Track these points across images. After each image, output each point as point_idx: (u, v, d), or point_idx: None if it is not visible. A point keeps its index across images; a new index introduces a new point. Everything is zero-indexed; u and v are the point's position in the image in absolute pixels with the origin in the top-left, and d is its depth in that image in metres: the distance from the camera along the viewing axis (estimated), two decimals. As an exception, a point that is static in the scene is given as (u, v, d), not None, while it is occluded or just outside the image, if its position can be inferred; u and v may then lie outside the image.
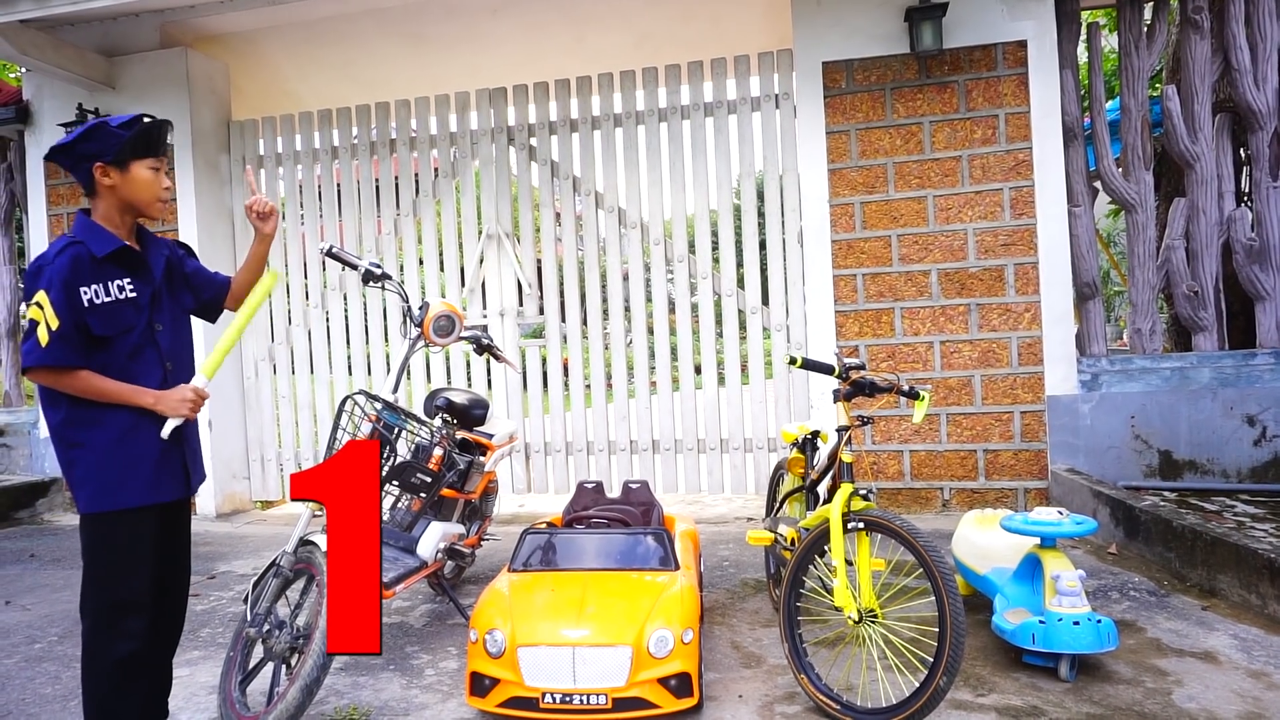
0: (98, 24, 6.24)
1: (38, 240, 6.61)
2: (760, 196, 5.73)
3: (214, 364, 2.51)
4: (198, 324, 2.78)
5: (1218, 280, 5.12)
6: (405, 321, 3.66)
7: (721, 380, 5.95)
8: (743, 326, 5.84)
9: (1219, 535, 3.56)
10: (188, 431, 2.43)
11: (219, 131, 6.53)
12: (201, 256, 6.29)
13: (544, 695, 2.53)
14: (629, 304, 6.00)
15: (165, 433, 2.29)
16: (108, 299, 2.23)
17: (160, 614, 2.42)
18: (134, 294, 2.29)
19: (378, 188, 6.45)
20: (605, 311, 6.06)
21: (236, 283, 2.69)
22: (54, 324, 2.14)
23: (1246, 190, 5.63)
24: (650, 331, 5.93)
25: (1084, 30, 5.43)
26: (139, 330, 2.31)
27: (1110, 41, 7.73)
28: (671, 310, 5.96)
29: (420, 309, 3.56)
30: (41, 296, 2.16)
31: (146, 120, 2.30)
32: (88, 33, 6.25)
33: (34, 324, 2.16)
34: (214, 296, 2.66)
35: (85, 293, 2.19)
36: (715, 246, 5.83)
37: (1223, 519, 4.05)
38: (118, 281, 2.26)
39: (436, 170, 6.36)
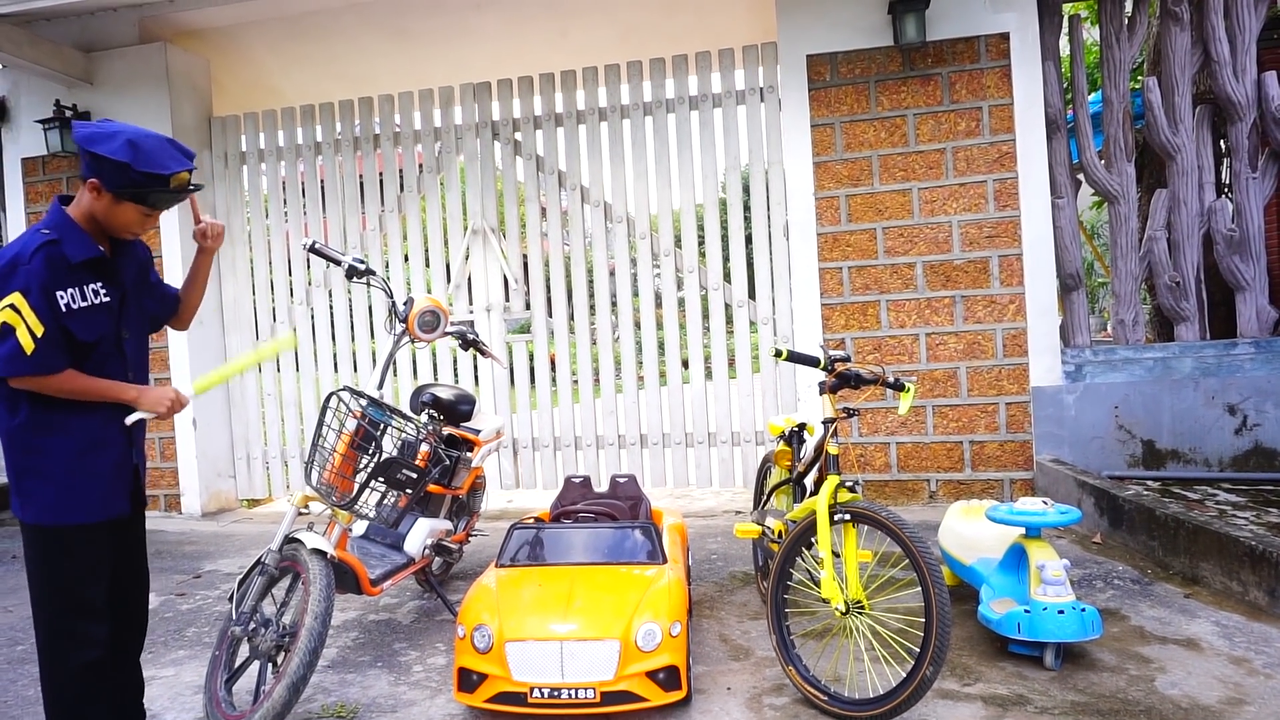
0: (75, 19, 6.16)
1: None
2: (746, 190, 5.74)
3: (206, 385, 2.49)
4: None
5: (1199, 271, 5.16)
6: (390, 317, 3.64)
7: (709, 374, 5.95)
8: (729, 320, 5.84)
9: (1201, 524, 3.60)
10: (140, 451, 2.40)
11: (200, 128, 6.47)
12: (182, 254, 6.25)
13: (532, 690, 2.53)
14: (615, 298, 6.00)
15: (130, 419, 2.24)
16: (84, 304, 2.16)
17: (120, 624, 2.38)
18: (107, 299, 2.23)
19: (362, 184, 6.41)
20: (592, 306, 6.05)
21: (188, 301, 2.62)
22: (38, 329, 2.06)
23: (1227, 181, 5.67)
24: (637, 326, 5.93)
25: (1066, 22, 5.45)
26: (108, 339, 2.26)
27: (1092, 34, 7.78)
28: (658, 304, 5.95)
29: (405, 305, 3.55)
30: (17, 299, 2.05)
31: (172, 185, 2.17)
32: (65, 28, 6.18)
33: (9, 328, 2.05)
34: (164, 310, 2.58)
35: (62, 297, 2.11)
36: (701, 241, 5.82)
37: (1205, 507, 4.09)
38: (91, 286, 2.19)
39: (421, 165, 6.33)
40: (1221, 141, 5.66)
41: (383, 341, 5.43)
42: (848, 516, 2.70)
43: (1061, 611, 2.80)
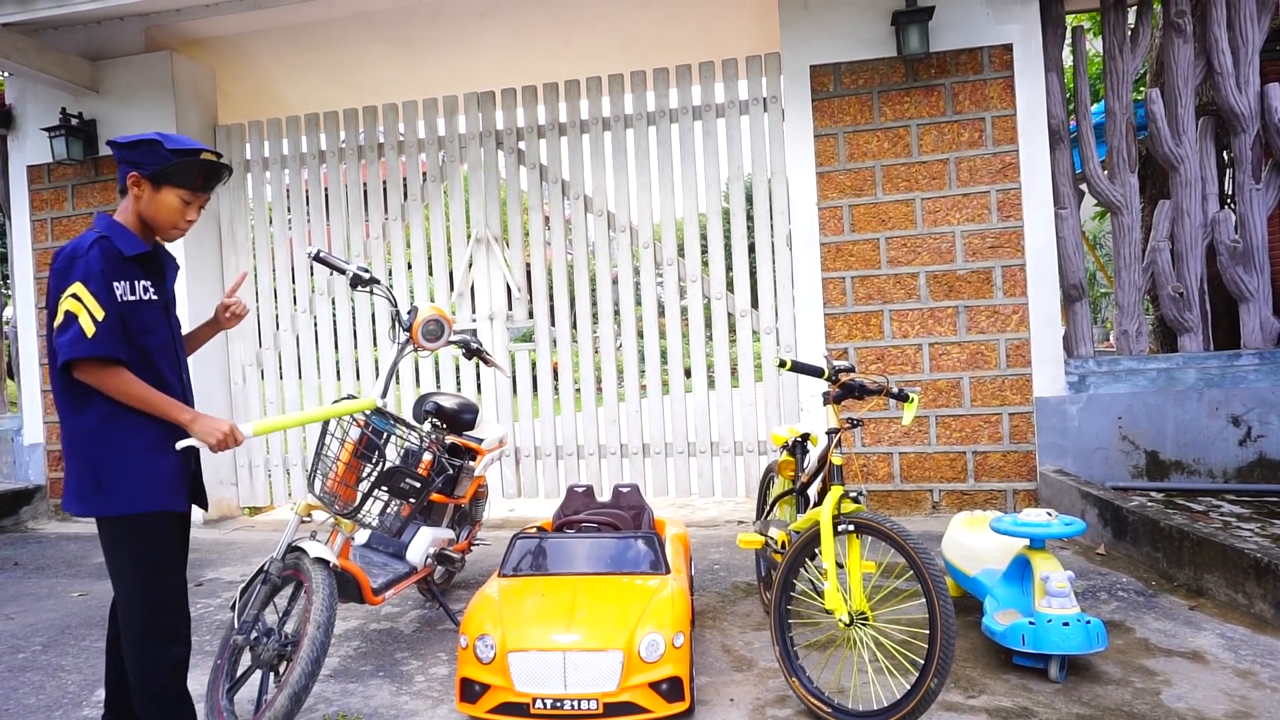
0: (82, 27, 6.20)
1: (20, 245, 6.55)
2: (749, 199, 5.74)
3: (268, 428, 2.48)
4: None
5: (1202, 282, 5.15)
6: (394, 326, 3.65)
7: (711, 383, 5.95)
8: (732, 329, 5.84)
9: (1206, 535, 3.58)
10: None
11: (205, 136, 6.49)
12: (187, 263, 6.28)
13: (535, 700, 2.52)
14: (618, 307, 6.00)
15: (180, 445, 2.23)
16: (133, 298, 2.19)
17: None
18: (154, 297, 2.27)
19: (366, 192, 6.43)
20: (595, 315, 6.05)
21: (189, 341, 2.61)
22: (99, 314, 2.09)
23: (1230, 192, 5.68)
24: (640, 335, 5.93)
25: (1069, 34, 5.47)
26: (160, 335, 2.28)
27: (1095, 45, 7.80)
28: (661, 314, 5.96)
29: (409, 313, 3.55)
30: (79, 288, 2.10)
31: (203, 156, 2.26)
32: (71, 36, 6.21)
33: (71, 316, 2.09)
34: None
35: (118, 287, 2.16)
36: (704, 250, 5.83)
37: (1209, 519, 4.08)
38: (141, 282, 2.23)
39: (425, 174, 6.34)
40: (1225, 153, 5.66)
41: (385, 350, 5.44)
42: (851, 527, 2.69)
43: (1066, 624, 2.79)
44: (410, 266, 6.33)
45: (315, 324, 6.47)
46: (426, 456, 3.52)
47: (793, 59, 5.34)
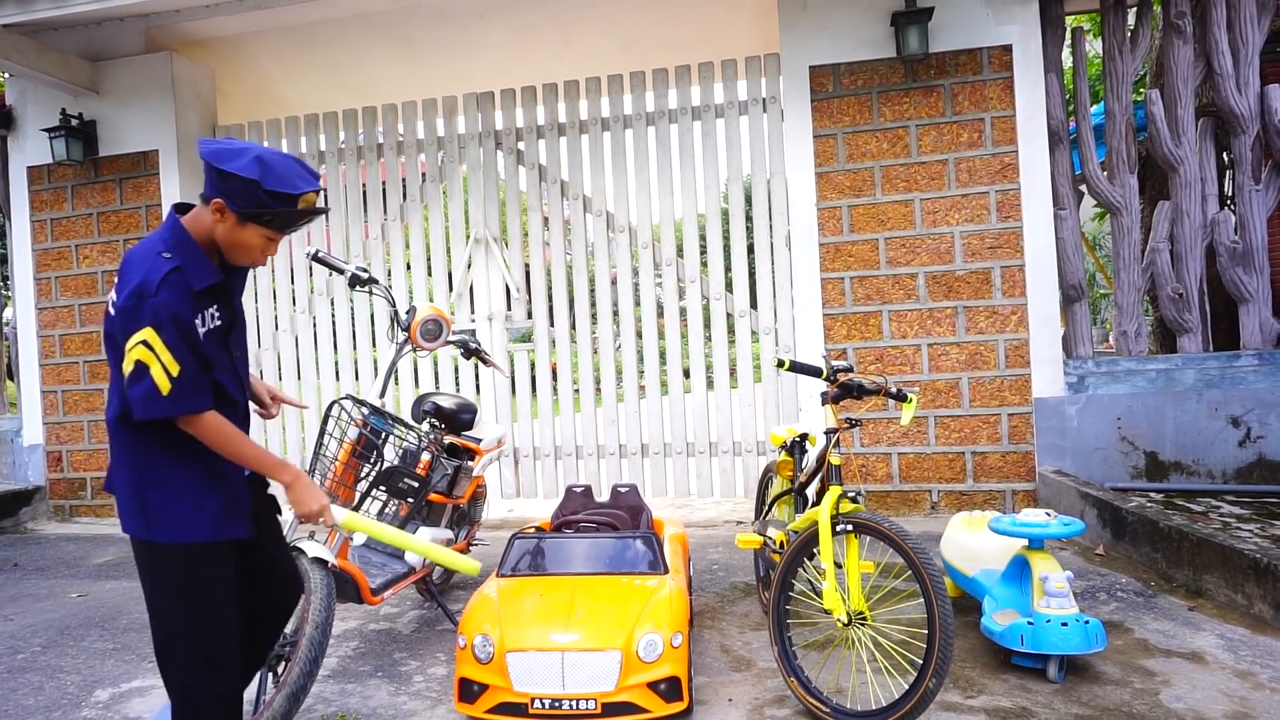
0: (82, 28, 6.20)
1: (20, 246, 6.56)
2: (748, 200, 5.75)
3: (359, 527, 2.39)
4: None
5: (1202, 282, 5.15)
6: (392, 326, 3.65)
7: (710, 384, 5.95)
8: (731, 330, 5.84)
9: (1205, 536, 3.58)
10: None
11: (205, 136, 6.49)
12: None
13: (533, 700, 2.52)
14: (617, 308, 6.00)
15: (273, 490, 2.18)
16: (202, 329, 2.00)
17: (262, 634, 2.32)
18: (218, 322, 2.07)
19: (365, 192, 6.43)
20: (594, 315, 6.05)
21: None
22: (174, 369, 1.90)
23: (1230, 193, 5.67)
24: (639, 335, 5.93)
25: (1068, 35, 5.47)
26: (220, 358, 2.10)
27: (1094, 46, 7.80)
28: (660, 314, 5.96)
29: (407, 313, 3.56)
30: (149, 335, 1.89)
31: (300, 205, 2.01)
32: (72, 37, 6.22)
33: (143, 367, 1.90)
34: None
35: (198, 324, 1.97)
36: (703, 250, 5.83)
37: (1208, 520, 4.08)
38: (210, 310, 2.04)
39: (424, 175, 6.34)
40: (1224, 154, 5.66)
41: (384, 350, 5.45)
42: (850, 527, 2.69)
43: (1065, 624, 2.79)
44: (409, 267, 6.33)
45: (314, 324, 6.47)
46: (425, 456, 3.53)
47: (792, 59, 5.34)
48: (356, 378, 6.43)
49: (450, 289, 6.27)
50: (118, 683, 3.24)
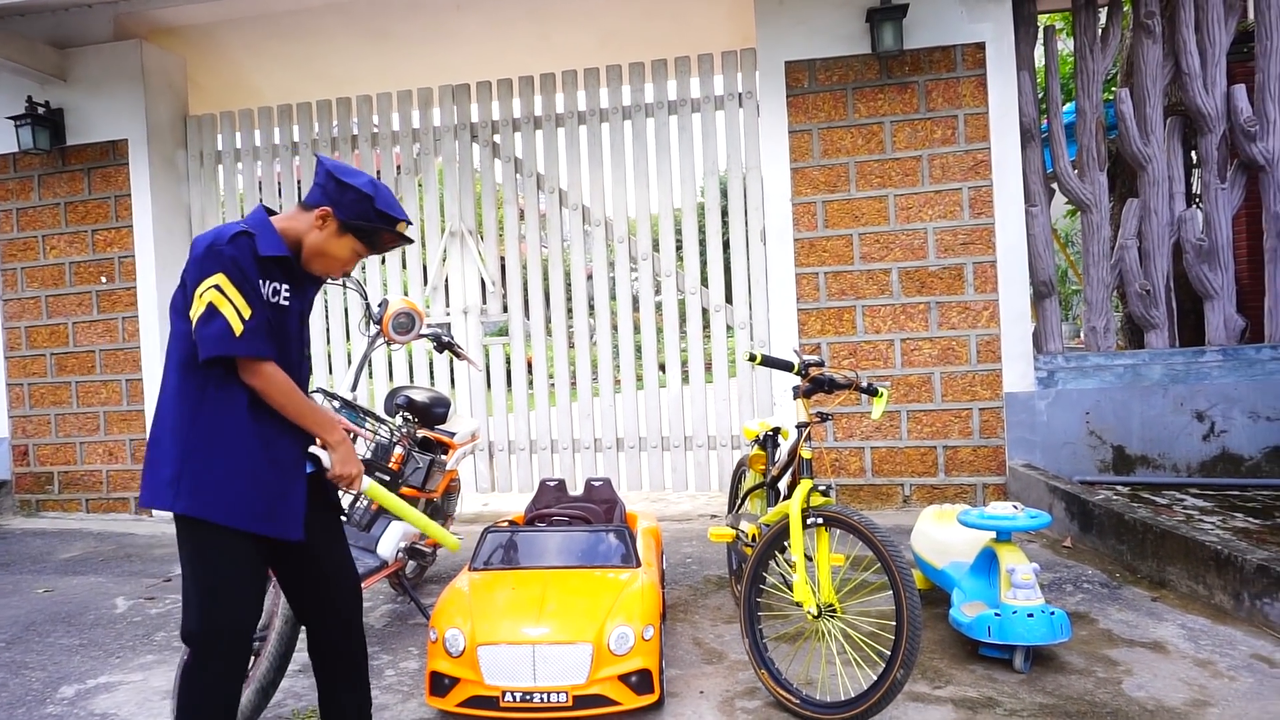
0: (49, 14, 6.09)
1: (-14, 236, 6.44)
2: (724, 194, 5.76)
3: (377, 496, 2.32)
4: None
5: (1169, 279, 5.23)
6: (365, 319, 3.63)
7: (685, 378, 5.97)
8: (706, 324, 5.86)
9: (1168, 528, 3.65)
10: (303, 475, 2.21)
11: (176, 126, 6.41)
12: (156, 254, 6.20)
13: (504, 694, 2.52)
14: (593, 302, 6.00)
15: (311, 449, 2.16)
16: (272, 300, 2.07)
17: (328, 641, 2.32)
18: (287, 303, 2.13)
19: (339, 184, 6.36)
20: (570, 309, 6.05)
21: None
22: (245, 311, 1.97)
23: (1196, 192, 5.76)
24: (615, 329, 5.93)
25: (1041, 33, 5.52)
26: (293, 346, 2.16)
27: (1066, 45, 7.88)
28: (635, 308, 5.96)
29: (379, 306, 3.54)
30: (221, 279, 1.97)
31: (399, 228, 2.20)
32: (38, 23, 6.10)
33: (214, 308, 1.96)
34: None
35: (262, 286, 2.04)
36: (679, 245, 5.84)
37: (1172, 512, 4.15)
38: (275, 284, 2.09)
39: (399, 167, 6.30)
40: (1192, 152, 5.74)
41: (358, 343, 5.42)
42: (820, 520, 2.71)
43: (1031, 615, 2.83)
44: (384, 260, 6.29)
45: (288, 317, 6.39)
46: (397, 450, 3.51)
47: (768, 55, 5.35)
48: (330, 371, 6.39)
49: (425, 282, 6.23)
50: (84, 679, 3.20)
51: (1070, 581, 3.77)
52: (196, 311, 1.98)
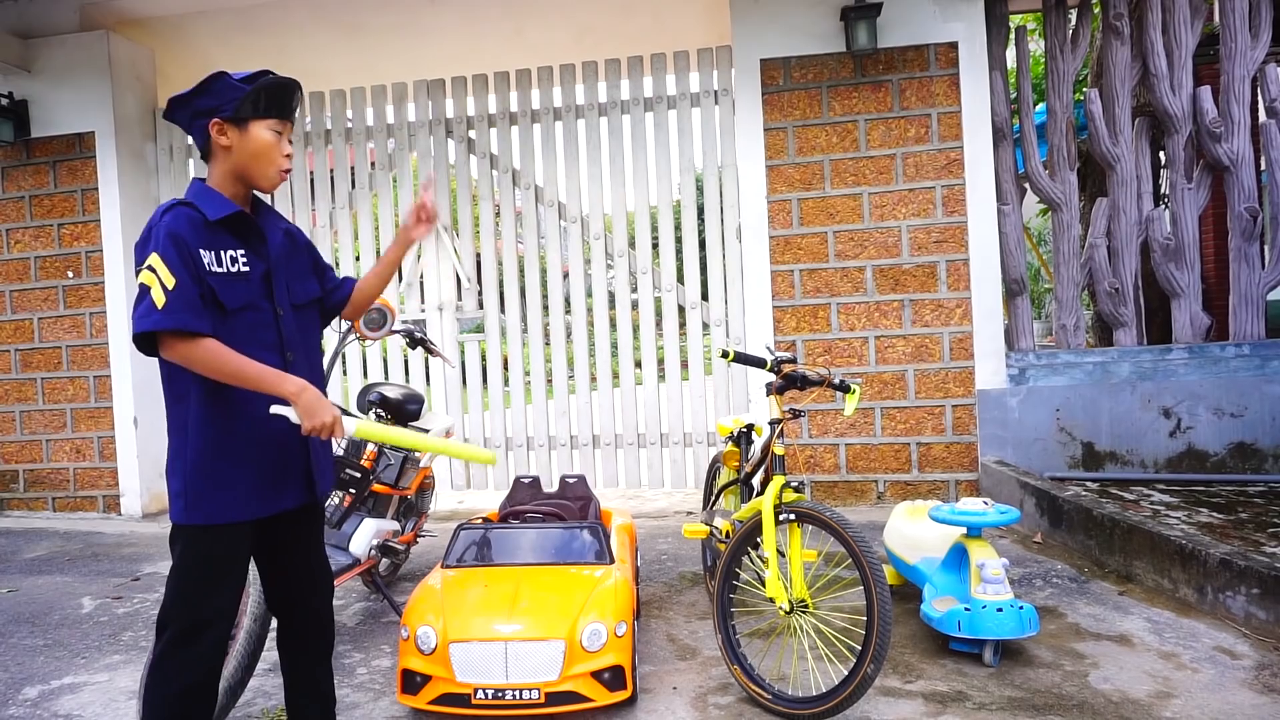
0: (12, 4, 5.96)
1: (-52, 230, 6.31)
2: (700, 192, 5.77)
3: (373, 435, 2.18)
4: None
5: (1137, 278, 5.31)
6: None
7: (662, 375, 5.97)
8: (682, 322, 5.87)
9: (1135, 523, 3.70)
10: (315, 440, 2.16)
11: (144, 119, 6.31)
12: (125, 248, 6.10)
13: (476, 691, 2.51)
14: (569, 299, 5.98)
15: (275, 410, 1.96)
16: (219, 269, 1.96)
17: (294, 632, 2.30)
18: (246, 268, 2.03)
19: (312, 180, 6.31)
20: (545, 306, 6.03)
21: (365, 287, 2.38)
22: (169, 281, 1.85)
23: (1165, 191, 5.85)
24: (590, 326, 5.92)
25: (1013, 34, 5.58)
26: (255, 310, 2.04)
27: (1038, 45, 7.97)
28: (611, 305, 5.96)
29: (352, 304, 3.49)
30: (154, 259, 1.88)
31: (271, 76, 2.04)
32: (1, 13, 5.97)
33: (144, 289, 1.87)
34: (334, 298, 2.34)
35: (205, 255, 1.93)
36: (655, 242, 5.84)
37: (1139, 508, 4.21)
38: (230, 252, 2.00)
39: (373, 162, 6.25)
40: (1160, 152, 5.83)
41: (330, 339, 5.37)
42: (792, 516, 2.73)
43: (1000, 609, 2.86)
44: (358, 258, 6.24)
45: (259, 313, 6.33)
46: (370, 447, 3.49)
47: (743, 52, 5.36)
48: (303, 368, 6.31)
49: (400, 279, 6.19)
50: (48, 680, 3.15)
51: (1040, 576, 3.82)
52: (135, 297, 1.92)
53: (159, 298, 1.85)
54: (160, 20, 6.18)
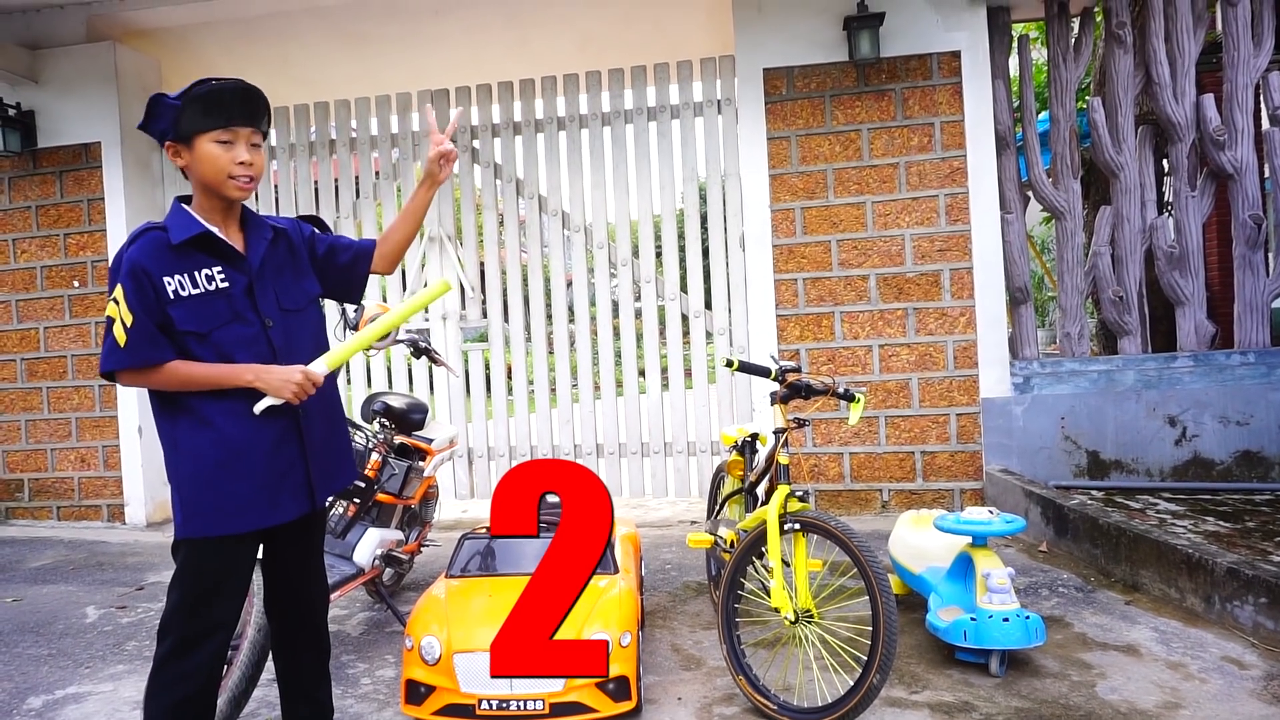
0: (19, 15, 6.01)
1: (-45, 240, 6.34)
2: (703, 201, 5.77)
3: (340, 357, 2.17)
4: None
5: (1141, 286, 5.30)
6: (340, 324, 3.60)
7: (665, 384, 5.97)
8: (686, 331, 5.87)
9: (1141, 532, 3.69)
10: (318, 437, 2.18)
11: (150, 129, 6.33)
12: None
13: (480, 701, 2.51)
14: (573, 308, 5.99)
15: (259, 408, 2.01)
16: (195, 290, 1.99)
17: (296, 635, 2.32)
18: (225, 284, 2.04)
19: (317, 189, 6.33)
20: (549, 315, 6.04)
21: (391, 238, 2.36)
22: (128, 319, 1.92)
23: (1168, 199, 5.85)
24: (594, 335, 5.93)
25: (1015, 42, 5.59)
26: (239, 325, 2.05)
27: (1040, 54, 7.98)
28: (615, 314, 5.96)
29: (355, 311, 3.51)
30: (118, 291, 1.94)
31: (201, 85, 2.02)
32: (9, 24, 6.02)
33: (110, 321, 1.95)
34: (350, 273, 2.34)
35: (169, 283, 1.96)
36: (659, 251, 5.85)
37: (1145, 517, 4.20)
38: (205, 271, 2.02)
39: (377, 172, 6.27)
40: (1163, 160, 5.83)
41: (331, 343, 5.38)
42: (797, 526, 2.72)
43: (1006, 619, 2.85)
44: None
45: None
46: (374, 457, 3.49)
47: (746, 62, 5.38)
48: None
49: (404, 288, 6.20)
50: (52, 689, 3.15)
51: (1045, 586, 3.81)
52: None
53: (120, 335, 1.94)
54: (166, 31, 6.21)
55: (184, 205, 2.10)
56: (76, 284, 6.15)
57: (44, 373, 6.23)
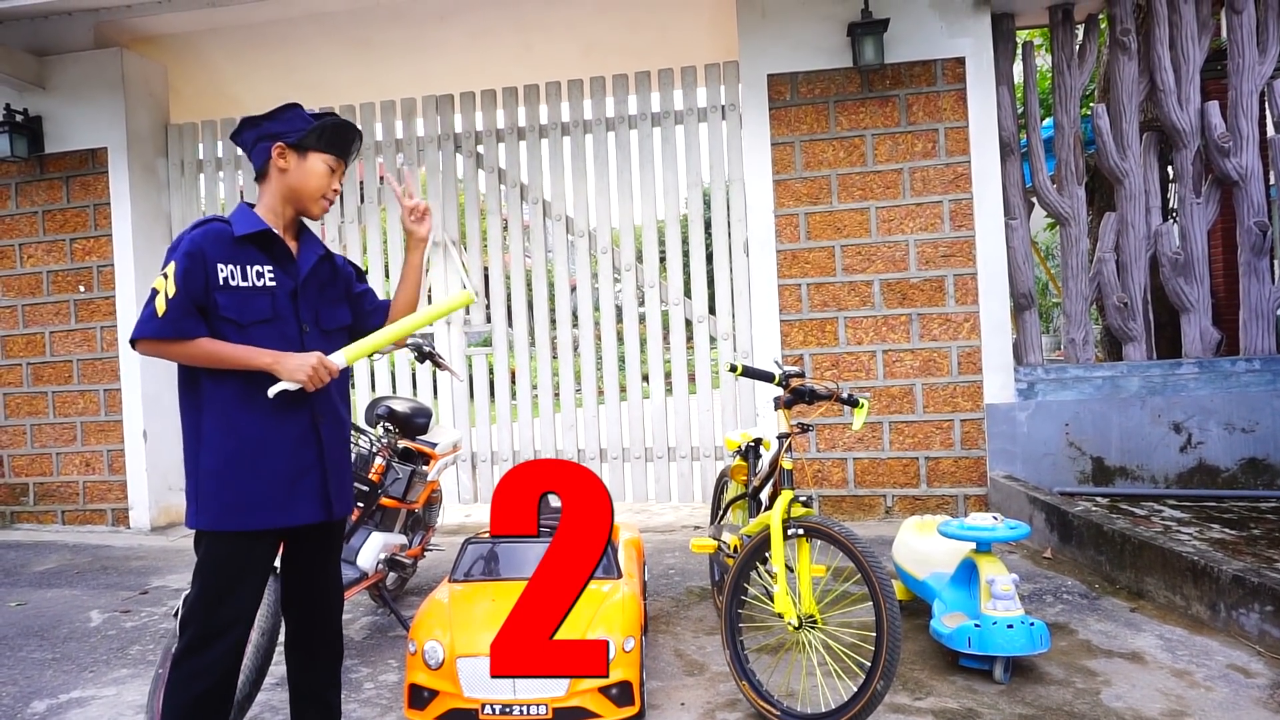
0: (27, 22, 6.04)
1: (-38, 244, 6.37)
2: (707, 206, 5.78)
3: (359, 352, 2.23)
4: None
5: (1146, 292, 5.29)
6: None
7: (669, 389, 5.97)
8: (689, 336, 5.87)
9: (1146, 539, 3.67)
10: (334, 456, 2.23)
11: (156, 135, 6.37)
12: (136, 263, 6.14)
13: (483, 706, 2.51)
14: (577, 312, 5.99)
15: (272, 392, 2.06)
16: (244, 284, 2.10)
17: (311, 638, 2.35)
18: (273, 283, 2.15)
19: (321, 194, 6.34)
20: (553, 320, 6.04)
21: (397, 302, 2.44)
22: (171, 290, 2.01)
23: (1172, 206, 5.84)
24: (598, 340, 5.93)
25: (1019, 49, 5.59)
26: (278, 325, 2.14)
27: (1045, 60, 7.98)
28: (619, 319, 5.96)
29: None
30: (170, 266, 2.05)
31: (333, 118, 2.23)
32: (16, 31, 6.06)
33: (153, 293, 2.03)
34: (368, 320, 2.41)
35: (221, 270, 2.07)
36: (663, 256, 5.85)
37: (1150, 523, 4.18)
38: (257, 267, 2.13)
39: (382, 177, 6.28)
40: (1168, 167, 5.82)
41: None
42: (801, 531, 2.72)
43: (1010, 626, 2.84)
44: (367, 270, 6.25)
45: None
46: (377, 461, 3.49)
47: (750, 67, 5.39)
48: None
49: (408, 292, 6.20)
50: (56, 694, 3.15)
51: (1050, 592, 3.79)
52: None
53: (160, 305, 2.02)
54: (172, 37, 6.25)
55: (248, 207, 2.23)
56: (82, 288, 6.17)
57: (49, 377, 6.25)
